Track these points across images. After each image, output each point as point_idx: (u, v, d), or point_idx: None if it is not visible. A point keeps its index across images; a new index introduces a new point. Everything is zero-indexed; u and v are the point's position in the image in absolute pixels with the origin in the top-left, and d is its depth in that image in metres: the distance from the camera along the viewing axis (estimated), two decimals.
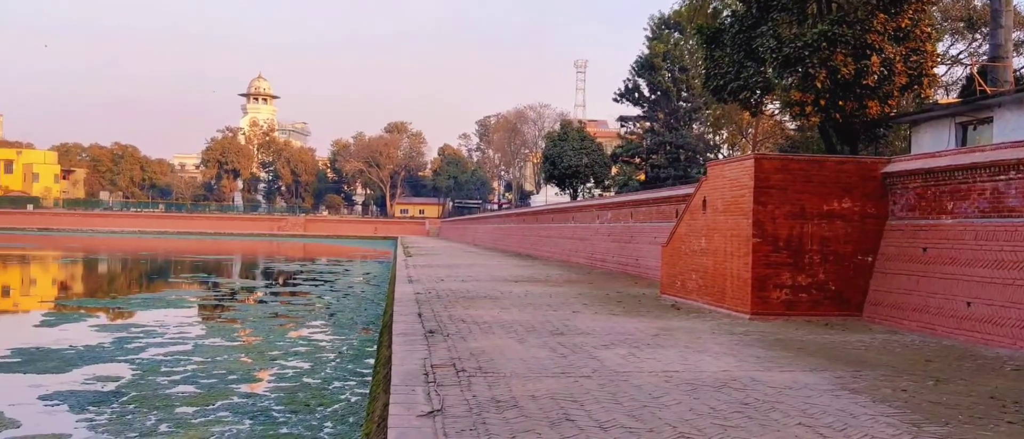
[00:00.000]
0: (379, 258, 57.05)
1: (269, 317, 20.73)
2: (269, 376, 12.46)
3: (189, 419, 9.53)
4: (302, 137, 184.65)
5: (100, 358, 13.71)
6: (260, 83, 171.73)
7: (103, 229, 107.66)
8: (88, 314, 20.51)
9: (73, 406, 10.14)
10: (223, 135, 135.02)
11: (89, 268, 43.61)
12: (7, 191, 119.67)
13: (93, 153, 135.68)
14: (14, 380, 11.86)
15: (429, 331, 10.59)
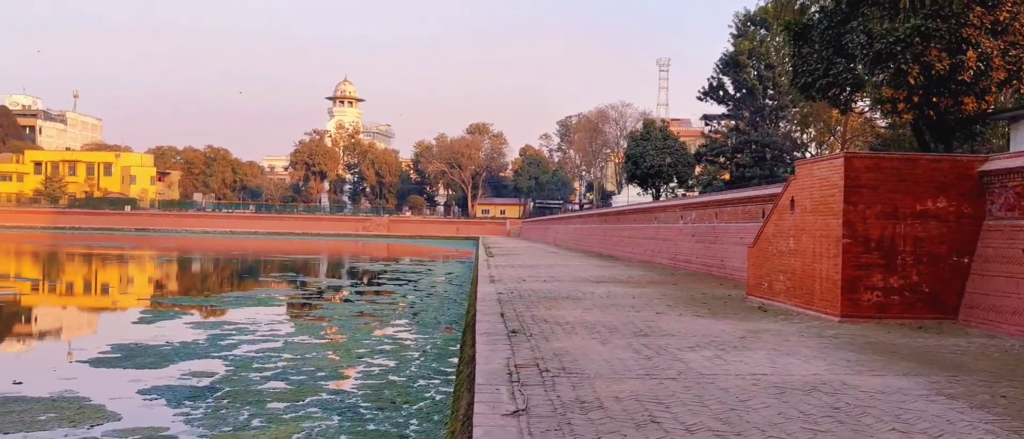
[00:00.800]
0: (461, 258, 57.56)
1: (355, 316, 21.12)
2: (356, 373, 12.70)
3: (280, 414, 9.79)
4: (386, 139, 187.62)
5: (195, 354, 14.18)
6: (346, 87, 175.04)
7: (196, 229, 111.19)
8: (183, 312, 21.21)
9: (170, 401, 10.52)
10: (310, 138, 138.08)
11: (183, 267, 45.14)
12: (106, 193, 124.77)
13: (187, 156, 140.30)
14: (115, 375, 12.36)
15: (512, 331, 10.65)
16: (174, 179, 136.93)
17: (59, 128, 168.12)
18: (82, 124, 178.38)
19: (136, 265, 45.54)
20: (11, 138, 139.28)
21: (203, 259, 53.43)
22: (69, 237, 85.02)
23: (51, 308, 24.63)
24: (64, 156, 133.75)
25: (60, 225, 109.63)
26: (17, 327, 20.34)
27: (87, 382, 11.62)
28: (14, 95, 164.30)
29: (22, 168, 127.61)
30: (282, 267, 44.02)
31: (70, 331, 20.14)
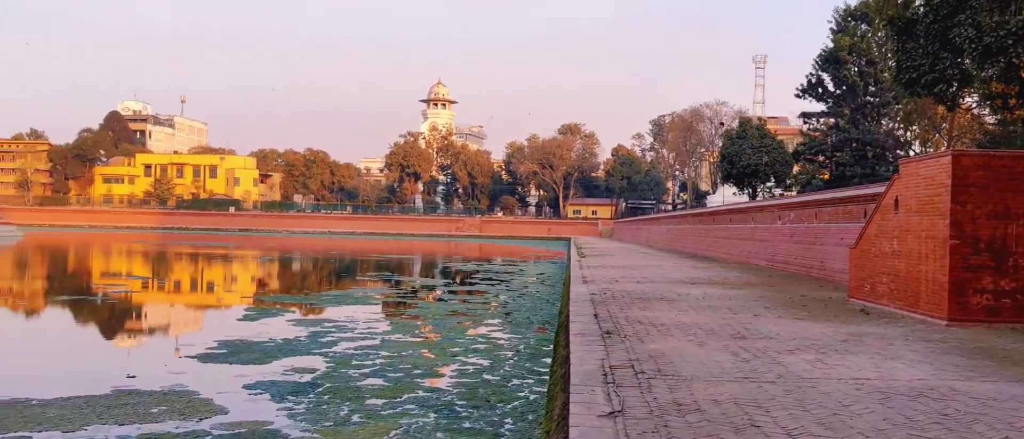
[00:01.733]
0: (552, 259, 57.61)
1: (449, 315, 21.37)
2: (451, 372, 12.87)
3: (379, 411, 10.01)
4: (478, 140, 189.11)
5: (296, 351, 14.61)
6: (439, 89, 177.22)
7: (296, 230, 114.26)
8: (284, 309, 21.84)
9: (274, 395, 10.87)
10: (405, 140, 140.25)
11: (284, 266, 46.47)
12: (212, 195, 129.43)
13: (287, 158, 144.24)
14: (221, 370, 12.83)
15: (606, 332, 10.62)
16: (275, 181, 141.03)
17: (168, 132, 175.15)
18: (189, 128, 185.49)
19: (239, 264, 47.10)
20: (123, 142, 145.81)
21: (302, 259, 54.89)
22: (176, 237, 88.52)
23: (160, 305, 25.70)
24: (172, 159, 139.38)
25: (168, 226, 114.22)
26: (128, 323, 21.29)
27: (195, 376, 12.09)
28: (126, 101, 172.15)
29: (133, 171, 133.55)
30: (377, 267, 44.88)
31: (178, 327, 20.98)
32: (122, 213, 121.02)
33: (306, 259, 54.51)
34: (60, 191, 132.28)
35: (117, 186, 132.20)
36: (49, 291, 29.83)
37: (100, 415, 9.51)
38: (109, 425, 9.10)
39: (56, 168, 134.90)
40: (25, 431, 8.75)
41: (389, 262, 50.43)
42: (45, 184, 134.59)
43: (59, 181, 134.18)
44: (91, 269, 42.33)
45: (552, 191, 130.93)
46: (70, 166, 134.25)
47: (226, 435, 8.81)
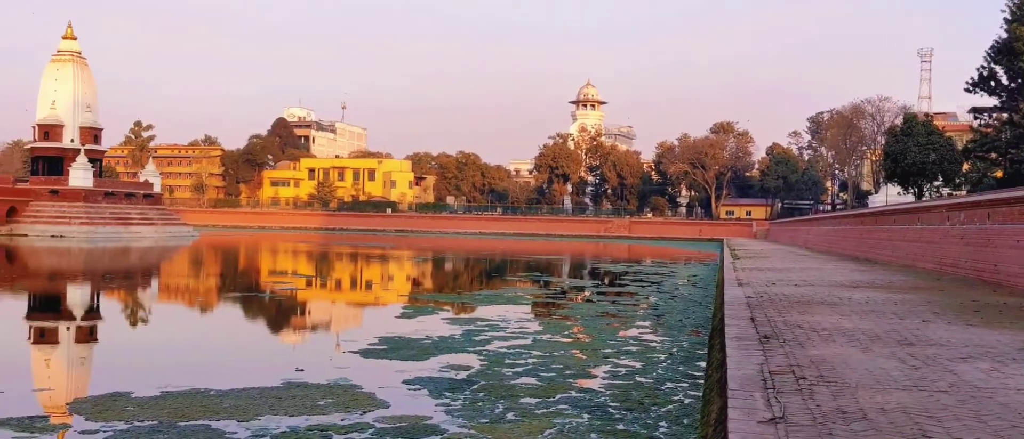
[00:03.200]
0: (704, 260, 56.56)
1: (599, 316, 21.37)
2: (603, 373, 12.88)
3: (532, 409, 10.15)
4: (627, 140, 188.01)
5: (452, 348, 14.99)
6: (588, 90, 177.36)
7: (448, 230, 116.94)
8: (438, 308, 22.44)
9: (431, 391, 11.21)
10: (554, 141, 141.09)
11: (437, 266, 47.70)
12: (370, 197, 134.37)
13: (441, 161, 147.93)
14: (382, 366, 13.34)
15: (764, 336, 10.36)
16: (429, 183, 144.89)
17: (330, 137, 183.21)
18: (349, 133, 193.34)
19: (395, 264, 48.68)
20: (289, 147, 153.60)
21: (454, 259, 56.16)
22: (337, 237, 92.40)
23: (323, 302, 26.88)
24: (333, 163, 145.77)
25: (329, 226, 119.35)
26: (294, 319, 22.40)
27: (358, 371, 12.62)
28: (292, 108, 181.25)
29: (298, 174, 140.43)
30: (527, 267, 45.36)
31: (340, 324, 21.92)
32: (287, 214, 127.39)
33: (458, 259, 55.74)
34: (232, 194, 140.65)
35: (283, 189, 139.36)
36: (222, 288, 31.79)
37: (272, 406, 10.09)
38: (280, 416, 9.63)
39: (228, 172, 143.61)
40: (205, 420, 9.37)
41: (538, 263, 50.88)
42: (218, 187, 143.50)
43: (231, 184, 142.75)
44: (259, 267, 44.79)
45: (703, 191, 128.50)
46: (241, 170, 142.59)
47: (388, 429, 9.16)
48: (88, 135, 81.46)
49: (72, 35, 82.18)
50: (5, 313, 23.13)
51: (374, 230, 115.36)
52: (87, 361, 15.13)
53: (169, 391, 10.78)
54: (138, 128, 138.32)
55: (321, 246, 68.80)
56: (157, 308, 24.90)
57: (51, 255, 48.72)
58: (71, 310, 23.47)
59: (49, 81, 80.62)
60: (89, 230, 71.62)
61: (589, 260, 57.35)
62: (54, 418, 9.53)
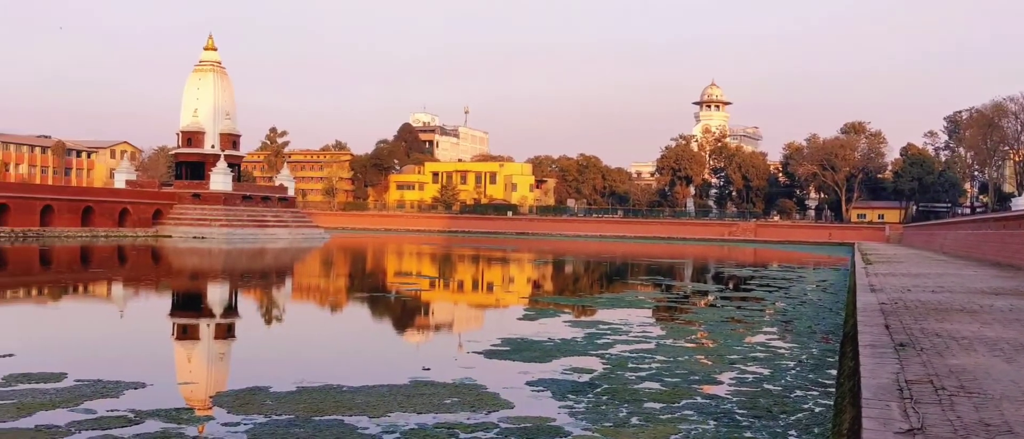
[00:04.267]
0: (834, 265, 54.67)
1: (723, 321, 20.97)
2: (729, 379, 12.65)
3: (657, 414, 10.07)
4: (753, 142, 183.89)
5: (574, 351, 15.02)
6: (713, 90, 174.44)
7: (569, 233, 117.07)
8: (559, 310, 22.50)
9: (554, 393, 11.27)
10: (676, 143, 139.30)
11: (557, 269, 47.82)
12: (491, 200, 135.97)
13: (561, 164, 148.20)
14: (505, 366, 13.50)
15: (899, 344, 9.97)
16: (550, 186, 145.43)
17: (453, 142, 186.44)
18: (472, 137, 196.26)
19: (516, 266, 49.09)
20: (414, 152, 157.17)
21: (575, 261, 56.18)
22: (459, 240, 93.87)
23: (446, 303, 27.38)
24: (456, 167, 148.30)
25: (452, 229, 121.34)
26: (419, 319, 22.89)
27: (482, 371, 12.81)
28: (416, 113, 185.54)
29: (422, 178, 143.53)
30: (648, 270, 44.92)
31: (462, 324, 22.29)
32: (412, 217, 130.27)
33: (578, 262, 55.73)
34: (360, 197, 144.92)
35: (408, 192, 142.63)
36: (350, 288, 32.81)
37: (400, 403, 10.37)
38: (408, 413, 9.89)
39: (357, 176, 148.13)
40: (338, 415, 9.71)
41: (660, 266, 50.32)
42: (347, 191, 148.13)
43: (359, 188, 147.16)
44: (385, 268, 45.99)
45: (833, 194, 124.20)
46: (368, 174, 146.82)
47: (513, 429, 9.27)
48: (227, 141, 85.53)
49: (213, 46, 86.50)
50: (151, 310, 24.57)
51: (495, 232, 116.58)
52: (226, 357, 15.89)
53: (304, 386, 11.22)
54: (274, 134, 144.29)
55: (444, 248, 70.04)
56: (291, 307, 25.92)
57: (193, 255, 51.41)
58: (211, 308, 24.70)
59: (191, 90, 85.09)
60: (228, 232, 75.18)
61: (713, 264, 56.33)
62: (198, 411, 10.07)
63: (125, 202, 76.23)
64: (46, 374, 11.72)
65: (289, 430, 9.00)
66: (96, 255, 48.39)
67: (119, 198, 76.96)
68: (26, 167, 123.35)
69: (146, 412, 9.69)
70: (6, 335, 17.10)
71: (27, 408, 9.69)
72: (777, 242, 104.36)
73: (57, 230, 67.37)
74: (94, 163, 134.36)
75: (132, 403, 10.17)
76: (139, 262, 44.35)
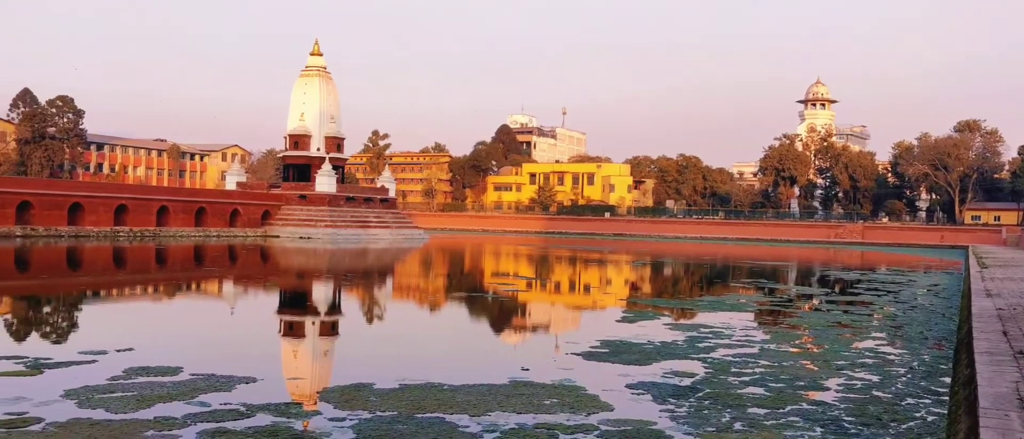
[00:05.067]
0: (947, 269, 52.47)
1: (830, 325, 20.40)
2: (836, 385, 12.30)
3: (761, 420, 9.87)
4: (860, 141, 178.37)
5: (674, 354, 14.85)
6: (818, 88, 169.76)
7: (668, 235, 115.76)
8: (659, 313, 22.27)
9: (655, 396, 11.17)
10: (780, 142, 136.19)
11: (656, 271, 47.34)
12: (589, 201, 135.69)
13: (660, 164, 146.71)
14: (605, 368, 13.45)
15: (1019, 351, 9.52)
16: (648, 187, 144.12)
17: (550, 143, 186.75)
18: (569, 138, 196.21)
19: (614, 268, 48.81)
20: (512, 153, 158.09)
21: (674, 263, 55.50)
22: (556, 241, 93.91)
23: (543, 304, 27.43)
24: (553, 168, 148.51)
25: (549, 230, 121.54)
26: (516, 320, 23.00)
27: (581, 373, 12.80)
28: (514, 115, 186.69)
29: (520, 179, 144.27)
30: (750, 273, 44.02)
31: (560, 325, 22.29)
32: (509, 218, 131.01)
33: (678, 264, 55.04)
34: (458, 198, 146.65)
35: (506, 193, 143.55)
36: (449, 288, 33.22)
37: (500, 403, 10.45)
38: (508, 413, 9.96)
39: (455, 177, 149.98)
40: (440, 413, 9.86)
41: (763, 269, 49.23)
42: (446, 192, 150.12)
43: (457, 189, 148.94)
44: (483, 269, 46.37)
45: (945, 195, 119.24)
46: (466, 175, 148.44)
47: (613, 431, 9.23)
48: (332, 144, 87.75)
49: (318, 52, 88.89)
50: (260, 307, 25.42)
51: (592, 234, 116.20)
52: (331, 353, 16.32)
53: (406, 384, 11.43)
54: (375, 137, 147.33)
55: (541, 249, 70.18)
56: (392, 306, 26.43)
57: (299, 255, 52.93)
58: (316, 306, 25.39)
59: (298, 94, 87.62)
60: (332, 232, 77.11)
61: (818, 267, 54.80)
62: (306, 405, 10.37)
63: (236, 203, 79.04)
64: (164, 368, 12.27)
65: (392, 426, 9.19)
66: (209, 254, 50.33)
67: (230, 199, 79.85)
68: (144, 169, 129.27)
69: (257, 406, 10.04)
70: (127, 330, 17.96)
71: (146, 400, 10.16)
72: (885, 245, 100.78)
73: (172, 230, 70.34)
74: (206, 166, 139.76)
75: (243, 397, 10.55)
76: (249, 261, 45.92)
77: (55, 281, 30.84)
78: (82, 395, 10.33)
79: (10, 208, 60.46)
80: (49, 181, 79.01)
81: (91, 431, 8.65)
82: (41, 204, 62.66)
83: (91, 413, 9.45)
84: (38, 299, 24.64)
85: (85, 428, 8.77)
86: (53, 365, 12.40)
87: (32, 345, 15.19)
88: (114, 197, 69.16)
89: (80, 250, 48.38)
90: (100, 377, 11.52)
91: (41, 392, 10.49)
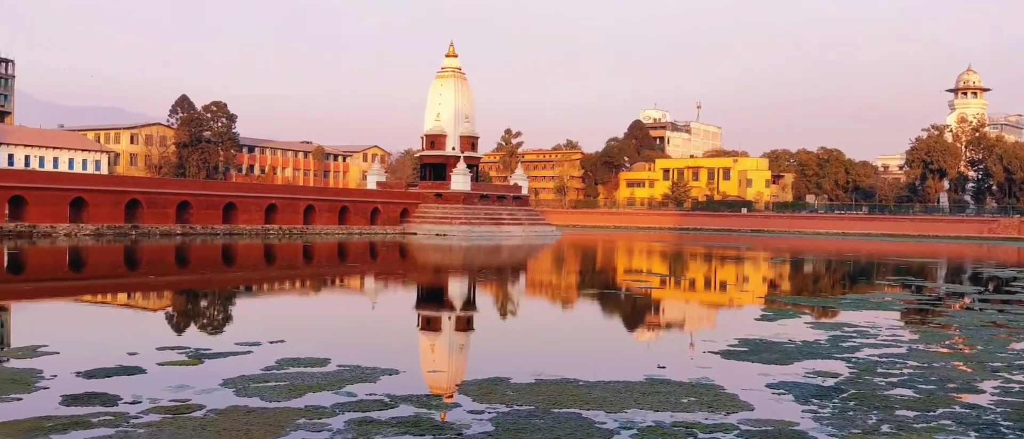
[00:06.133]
0: None
1: (983, 325, 19.33)
2: (991, 388, 11.68)
3: (910, 423, 9.49)
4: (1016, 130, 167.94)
5: (816, 354, 14.43)
6: (969, 76, 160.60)
7: (808, 231, 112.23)
8: (799, 311, 21.64)
9: (797, 397, 10.90)
10: (928, 134, 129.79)
11: (795, 268, 45.95)
12: (724, 196, 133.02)
13: (800, 158, 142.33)
14: (743, 367, 13.22)
15: None
16: (787, 181, 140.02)
17: (684, 137, 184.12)
18: (704, 133, 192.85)
19: (751, 265, 47.69)
20: (644, 148, 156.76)
21: (814, 260, 53.73)
22: (690, 237, 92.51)
23: (677, 302, 27.10)
24: (688, 163, 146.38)
25: (683, 226, 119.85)
26: (650, 317, 22.81)
27: (719, 372, 12.61)
28: (647, 110, 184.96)
29: (653, 175, 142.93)
30: (896, 270, 42.15)
31: (695, 323, 21.99)
32: (642, 215, 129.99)
33: (818, 261, 53.24)
34: (590, 195, 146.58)
35: (639, 190, 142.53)
36: (581, 284, 33.28)
37: (636, 400, 10.44)
38: (645, 410, 9.94)
39: (587, 174, 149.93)
40: (576, 408, 9.94)
41: (909, 266, 47.04)
42: (578, 189, 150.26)
43: (590, 186, 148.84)
44: (615, 266, 46.20)
45: None
46: (598, 172, 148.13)
47: (754, 431, 9.06)
48: (466, 143, 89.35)
49: (453, 53, 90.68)
50: (400, 302, 26.21)
51: (728, 230, 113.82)
52: (467, 347, 16.68)
53: (542, 379, 11.58)
54: (508, 135, 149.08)
55: (674, 246, 69.28)
56: (525, 301, 26.72)
57: (435, 252, 54.19)
58: (452, 301, 25.97)
59: (434, 95, 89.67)
60: (467, 229, 78.54)
61: (969, 264, 51.90)
62: (445, 398, 10.66)
63: (376, 202, 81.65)
64: (312, 359, 12.86)
65: (530, 420, 9.33)
66: (351, 251, 52.17)
67: (371, 198, 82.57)
68: (291, 170, 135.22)
69: (400, 397, 10.40)
70: (278, 323, 18.89)
71: (298, 390, 10.69)
72: None
73: (318, 228, 73.29)
74: (348, 166, 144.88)
75: (387, 388, 10.94)
76: (388, 258, 47.36)
77: (212, 276, 32.72)
78: (239, 384, 10.96)
79: (171, 208, 64.48)
80: (206, 182, 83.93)
81: (247, 418, 9.17)
82: (198, 204, 66.52)
83: (247, 401, 10.02)
84: (197, 293, 26.23)
85: (242, 415, 9.30)
86: (212, 355, 13.19)
87: (193, 336, 16.22)
88: (264, 197, 72.71)
89: (234, 247, 51.09)
90: (255, 367, 12.18)
91: (202, 380, 11.19)
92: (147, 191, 64.67)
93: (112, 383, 10.87)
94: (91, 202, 59.68)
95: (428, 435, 8.72)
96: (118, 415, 9.14)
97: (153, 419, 9.03)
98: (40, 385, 10.67)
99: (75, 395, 10.09)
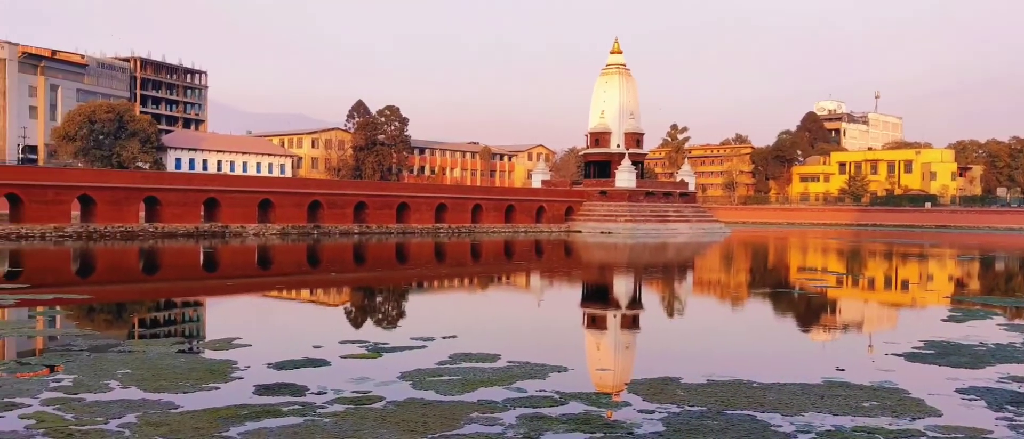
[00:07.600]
0: None
1: None
2: None
3: None
4: None
5: (1011, 357, 13.49)
6: None
7: (999, 226, 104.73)
8: (989, 312, 20.28)
9: (990, 403, 10.24)
10: None
11: (986, 266, 42.93)
12: (906, 190, 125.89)
13: (990, 148, 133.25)
14: (929, 371, 12.53)
15: None
16: (975, 174, 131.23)
17: (861, 129, 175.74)
18: (883, 124, 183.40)
19: (936, 263, 44.95)
20: (818, 142, 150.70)
21: (1008, 258, 49.99)
22: (869, 234, 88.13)
23: (855, 302, 25.89)
24: (865, 156, 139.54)
25: (861, 222, 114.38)
26: (826, 318, 21.91)
27: (902, 375, 12.01)
28: (821, 102, 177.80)
29: (828, 169, 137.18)
30: None
31: (875, 324, 20.96)
32: (817, 210, 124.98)
33: (1012, 259, 49.48)
34: (761, 190, 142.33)
35: (813, 184, 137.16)
36: (752, 283, 32.38)
37: (814, 403, 10.10)
38: (824, 413, 9.61)
39: (757, 169, 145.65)
40: (750, 410, 9.74)
41: None
42: (747, 184, 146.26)
43: (760, 181, 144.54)
44: (788, 264, 44.64)
45: None
46: (770, 167, 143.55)
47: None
48: (631, 140, 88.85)
49: (618, 50, 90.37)
50: (566, 299, 26.41)
51: (910, 226, 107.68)
52: (634, 346, 16.61)
53: (714, 379, 11.40)
54: (674, 131, 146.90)
55: (851, 242, 66.21)
56: (693, 300, 26.31)
57: (600, 249, 54.18)
58: (619, 299, 25.90)
59: (599, 92, 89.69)
60: (632, 227, 78.08)
61: None
62: (615, 396, 10.68)
63: (541, 201, 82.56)
64: (484, 354, 13.20)
65: (702, 421, 9.22)
66: (517, 249, 52.98)
67: (536, 197, 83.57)
68: (459, 171, 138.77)
69: (569, 394, 10.51)
70: (450, 318, 19.48)
71: (470, 384, 11.00)
72: None
73: (485, 226, 74.94)
74: (514, 165, 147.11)
75: (557, 385, 11.09)
76: (554, 255, 47.76)
77: (388, 273, 34.08)
78: (415, 377, 11.41)
79: (348, 208, 67.67)
80: (380, 184, 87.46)
81: (424, 411, 9.53)
82: (374, 204, 69.46)
83: (423, 394, 10.42)
84: (374, 290, 27.41)
85: (419, 408, 9.68)
86: (389, 349, 13.78)
87: (371, 331, 16.98)
88: (435, 197, 75.05)
89: (407, 245, 52.98)
90: (429, 361, 12.63)
91: (381, 373, 11.72)
92: (327, 193, 68.14)
93: (299, 374, 11.57)
94: (277, 203, 63.51)
95: (599, 433, 8.77)
96: (306, 405, 9.73)
97: (337, 409, 9.54)
98: (235, 375, 11.49)
99: (267, 385, 10.81)
